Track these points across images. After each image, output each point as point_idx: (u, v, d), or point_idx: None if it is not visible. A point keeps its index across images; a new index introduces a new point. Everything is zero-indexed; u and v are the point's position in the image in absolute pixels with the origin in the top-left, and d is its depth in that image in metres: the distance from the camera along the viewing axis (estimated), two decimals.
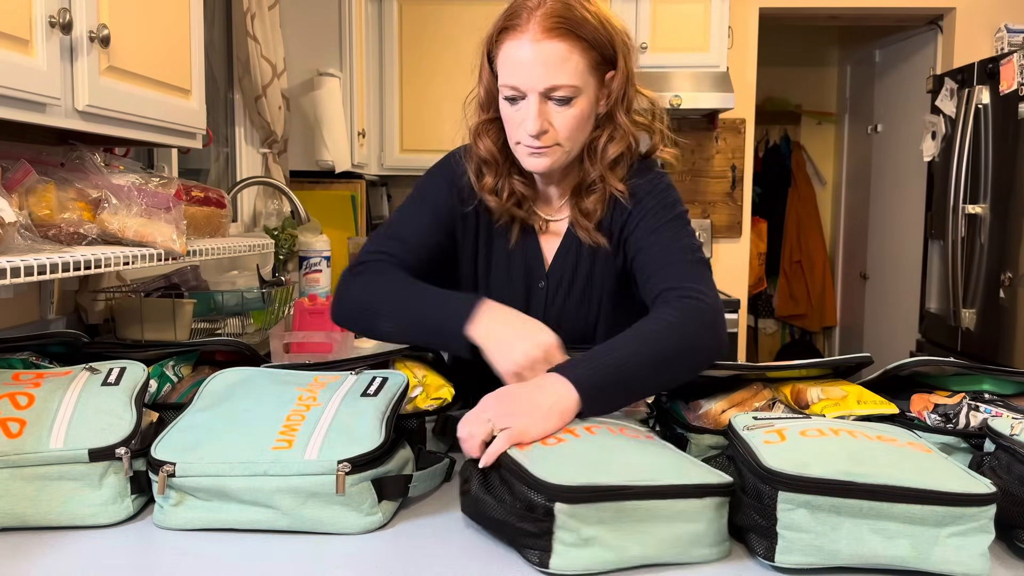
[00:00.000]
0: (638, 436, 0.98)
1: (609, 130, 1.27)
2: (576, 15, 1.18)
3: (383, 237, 1.34)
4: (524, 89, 1.20)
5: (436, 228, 1.34)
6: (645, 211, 1.28)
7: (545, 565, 0.85)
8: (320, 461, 0.93)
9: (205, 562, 0.88)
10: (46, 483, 0.96)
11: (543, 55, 1.17)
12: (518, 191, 1.32)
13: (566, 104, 1.20)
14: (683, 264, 1.23)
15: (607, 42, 1.22)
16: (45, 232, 1.37)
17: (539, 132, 1.21)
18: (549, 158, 1.24)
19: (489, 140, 1.31)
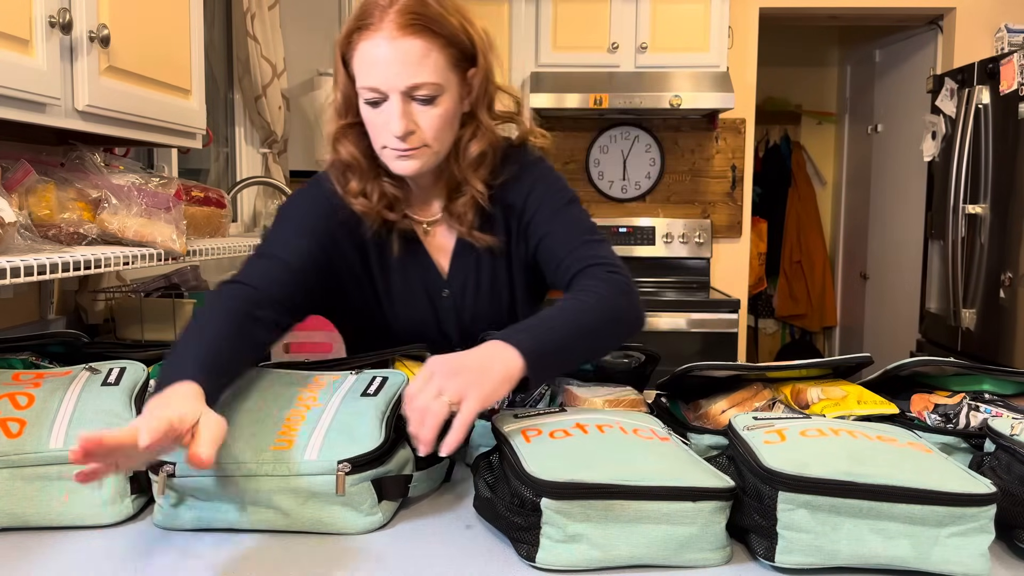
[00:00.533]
0: (651, 438, 0.97)
1: (472, 128, 1.24)
2: (431, 11, 1.15)
3: (255, 257, 1.25)
4: (385, 90, 1.15)
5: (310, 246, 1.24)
6: (540, 198, 1.28)
7: (532, 559, 0.86)
8: (320, 461, 0.93)
9: (204, 562, 0.88)
10: (46, 483, 0.96)
11: (401, 53, 1.13)
12: (388, 193, 1.27)
13: (430, 103, 1.17)
14: (593, 243, 1.24)
15: (465, 39, 1.19)
16: (45, 232, 1.37)
17: (405, 133, 1.16)
18: (418, 160, 1.20)
19: (351, 144, 1.25)
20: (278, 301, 1.17)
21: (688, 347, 3.25)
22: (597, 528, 0.85)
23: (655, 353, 1.26)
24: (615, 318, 1.14)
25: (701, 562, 0.87)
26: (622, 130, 3.91)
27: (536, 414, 1.05)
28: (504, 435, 0.98)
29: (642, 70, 3.48)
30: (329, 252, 1.27)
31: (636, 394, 1.24)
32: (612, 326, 1.14)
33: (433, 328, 1.35)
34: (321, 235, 1.27)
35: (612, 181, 3.93)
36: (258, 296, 1.15)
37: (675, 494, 0.85)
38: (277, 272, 1.20)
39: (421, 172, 1.23)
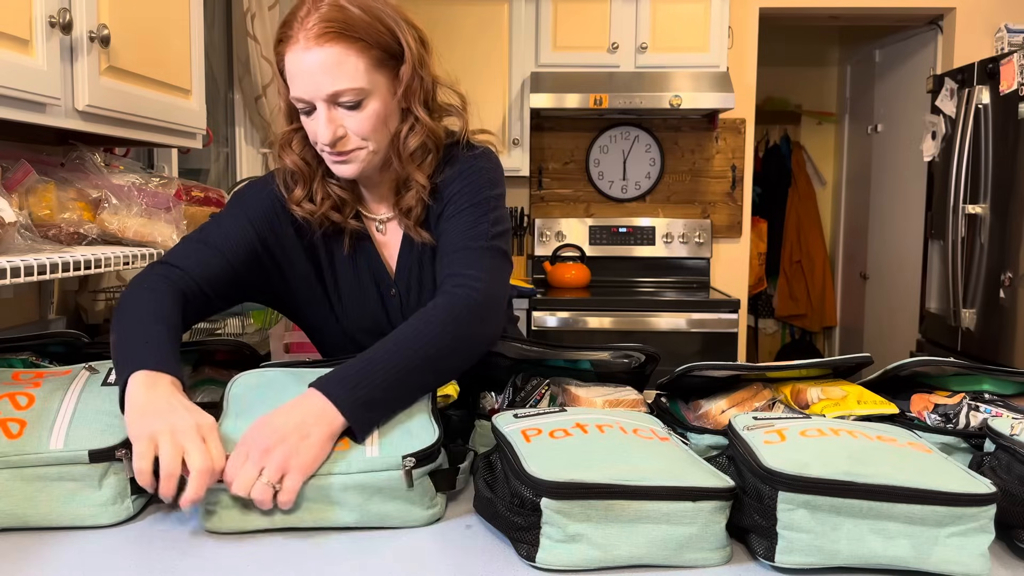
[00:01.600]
0: (651, 438, 0.97)
1: (409, 123, 1.24)
2: (345, 16, 1.15)
3: (190, 240, 1.28)
4: (309, 99, 1.17)
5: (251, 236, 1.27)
6: (451, 196, 1.26)
7: (532, 559, 0.87)
8: (384, 457, 0.95)
9: (205, 563, 0.88)
10: (46, 484, 0.96)
11: (317, 62, 1.14)
12: (335, 195, 1.29)
13: (356, 107, 1.18)
14: (469, 250, 1.20)
15: (388, 37, 1.19)
16: (45, 232, 1.37)
17: (332, 140, 1.18)
18: (355, 163, 1.22)
19: (295, 152, 1.27)
20: (205, 289, 1.22)
21: (688, 347, 3.25)
22: (597, 528, 0.85)
23: (655, 353, 1.25)
24: (460, 338, 1.09)
25: (701, 562, 0.87)
26: (622, 130, 3.91)
27: (536, 414, 1.04)
28: (504, 435, 0.98)
29: (642, 70, 3.48)
30: (271, 248, 1.30)
31: (636, 394, 1.24)
32: (457, 349, 1.09)
33: (384, 325, 1.36)
34: (263, 230, 1.29)
35: (612, 181, 3.93)
36: (190, 282, 1.21)
37: (675, 494, 0.85)
38: (209, 259, 1.24)
39: (363, 173, 1.25)
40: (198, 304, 1.22)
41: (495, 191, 1.28)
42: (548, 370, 1.29)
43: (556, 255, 3.79)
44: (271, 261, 1.31)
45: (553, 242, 3.84)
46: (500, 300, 1.18)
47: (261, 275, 1.30)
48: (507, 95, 3.55)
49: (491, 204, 1.26)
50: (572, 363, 1.30)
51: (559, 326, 3.26)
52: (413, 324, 1.09)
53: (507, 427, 1.00)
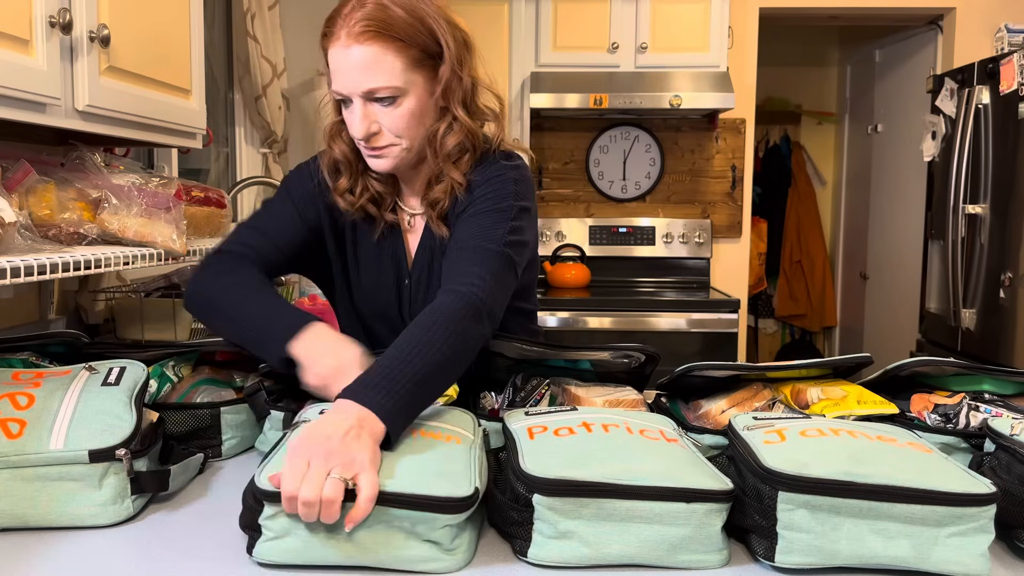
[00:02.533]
0: (658, 439, 0.96)
1: (447, 122, 1.26)
2: (386, 15, 1.18)
3: (246, 228, 1.36)
4: (346, 93, 1.21)
5: (299, 224, 1.35)
6: (474, 199, 1.28)
7: (524, 554, 0.87)
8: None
9: (205, 564, 0.88)
10: (46, 483, 0.96)
11: (355, 60, 1.18)
12: (374, 189, 1.34)
13: (392, 104, 1.21)
14: (479, 250, 1.21)
15: (427, 37, 1.21)
16: (45, 232, 1.37)
17: (366, 135, 1.22)
18: (389, 158, 1.26)
19: (343, 142, 1.32)
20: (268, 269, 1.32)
21: (688, 347, 3.25)
22: (588, 526, 0.85)
23: (655, 353, 1.25)
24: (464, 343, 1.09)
25: (696, 564, 0.87)
26: (622, 130, 3.91)
27: (546, 412, 1.05)
28: (511, 431, 0.98)
29: (642, 70, 3.48)
30: (320, 232, 1.38)
31: (636, 394, 1.24)
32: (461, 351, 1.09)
33: (395, 314, 1.40)
34: (312, 218, 1.36)
35: (612, 181, 3.93)
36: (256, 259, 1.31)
37: (667, 495, 0.85)
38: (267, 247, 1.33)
39: (397, 168, 1.28)
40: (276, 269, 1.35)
41: (520, 202, 1.28)
42: (548, 370, 1.29)
43: (556, 255, 3.79)
44: (316, 246, 1.38)
45: (553, 242, 3.84)
46: (500, 304, 1.18)
47: (306, 260, 1.39)
48: (507, 95, 3.55)
49: (513, 213, 1.26)
50: (572, 363, 1.30)
51: (559, 326, 3.26)
52: (422, 328, 1.07)
53: (515, 424, 1.00)
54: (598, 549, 0.86)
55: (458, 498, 0.85)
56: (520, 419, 1.02)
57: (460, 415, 1.07)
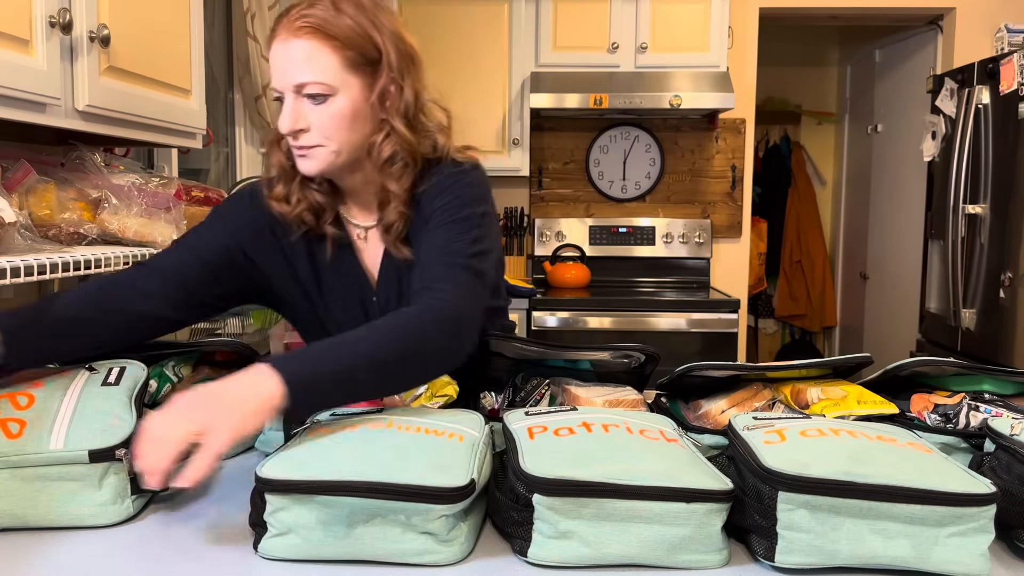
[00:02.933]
0: (657, 439, 0.96)
1: (385, 131, 1.24)
2: (327, 15, 1.18)
3: (174, 244, 1.33)
4: (279, 88, 1.21)
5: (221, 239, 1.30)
6: (435, 209, 1.25)
7: (524, 553, 0.87)
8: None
9: (205, 564, 0.88)
10: (46, 483, 0.96)
11: (290, 53, 1.19)
12: (312, 199, 1.30)
13: (322, 102, 1.20)
14: (444, 266, 1.18)
15: (366, 41, 1.20)
16: (45, 232, 1.37)
17: (291, 130, 1.21)
18: (314, 160, 1.23)
19: (279, 151, 1.30)
20: (174, 282, 1.25)
21: (688, 347, 3.25)
22: (588, 526, 0.85)
23: (655, 353, 1.25)
24: (418, 352, 1.07)
25: (696, 564, 0.87)
26: (622, 130, 3.91)
27: (546, 412, 1.05)
28: (511, 432, 0.99)
29: (642, 70, 3.48)
30: (251, 254, 1.32)
31: (636, 394, 1.24)
32: (413, 361, 1.07)
33: None
34: (244, 237, 1.32)
35: (612, 181, 3.93)
36: (150, 273, 1.24)
37: (667, 495, 0.85)
38: (185, 256, 1.28)
39: (324, 171, 1.25)
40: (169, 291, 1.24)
41: (479, 208, 1.26)
42: (548, 370, 1.29)
43: (556, 255, 3.79)
44: (251, 265, 1.33)
45: (553, 242, 3.84)
46: (470, 318, 1.15)
47: (243, 278, 1.33)
48: (507, 95, 3.55)
49: (474, 221, 1.24)
50: (572, 363, 1.30)
51: (559, 326, 3.26)
52: (379, 327, 1.07)
53: (515, 424, 1.01)
54: (598, 549, 0.86)
55: (453, 488, 0.85)
56: (520, 419, 1.03)
57: (467, 415, 1.07)
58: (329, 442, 0.93)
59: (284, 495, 0.86)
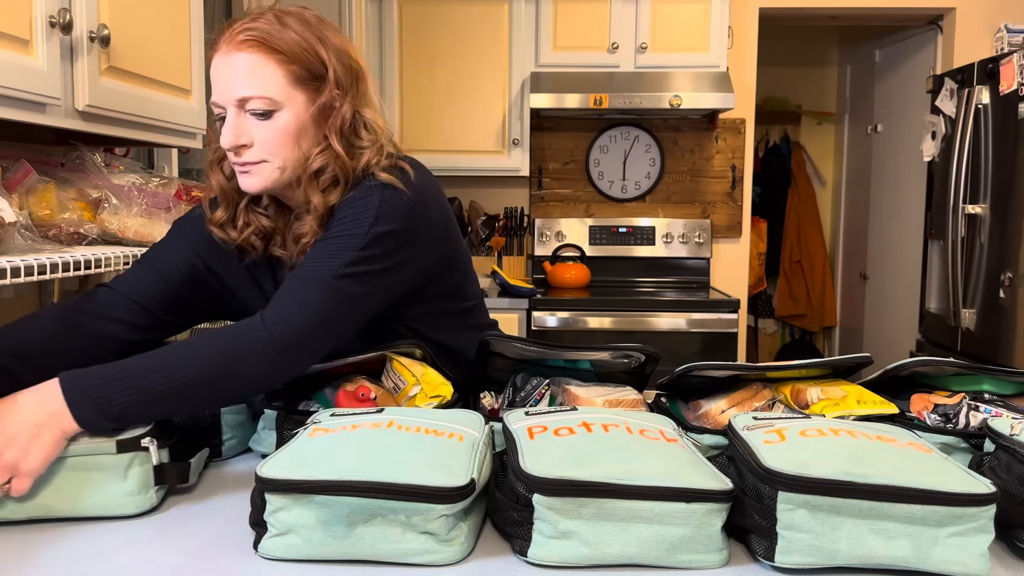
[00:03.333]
0: (657, 438, 0.96)
1: (321, 147, 1.21)
2: (271, 28, 1.16)
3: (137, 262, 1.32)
4: (221, 103, 1.17)
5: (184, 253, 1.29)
6: (330, 224, 1.20)
7: (524, 553, 0.88)
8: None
9: (206, 563, 0.88)
10: (74, 473, 0.98)
11: (233, 67, 1.15)
12: (259, 224, 1.28)
13: (266, 117, 1.17)
14: (303, 280, 1.13)
15: (312, 56, 1.18)
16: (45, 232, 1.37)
17: (234, 146, 1.17)
18: (257, 176, 1.20)
19: (221, 173, 1.27)
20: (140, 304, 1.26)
21: (688, 347, 3.25)
22: (588, 526, 0.85)
23: (655, 353, 1.25)
24: (223, 378, 1.04)
25: (696, 564, 0.87)
26: (622, 130, 3.91)
27: (546, 412, 1.05)
28: (511, 431, 0.99)
29: (642, 70, 3.48)
30: (214, 268, 1.32)
31: (636, 394, 1.24)
32: (214, 387, 1.04)
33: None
34: (204, 251, 1.31)
35: (612, 181, 3.93)
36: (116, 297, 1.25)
37: (667, 495, 0.85)
38: (148, 277, 1.28)
39: (268, 189, 1.22)
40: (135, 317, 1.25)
41: (380, 227, 1.17)
42: (548, 370, 1.29)
43: (556, 255, 3.79)
44: (214, 279, 1.32)
45: (553, 242, 3.84)
46: (304, 347, 1.10)
47: (207, 292, 1.32)
48: (507, 95, 3.55)
49: (365, 240, 1.16)
50: (572, 363, 1.30)
51: (559, 326, 3.26)
52: (187, 346, 1.05)
53: (515, 424, 1.01)
54: (598, 549, 0.86)
55: (453, 487, 0.85)
56: (520, 419, 1.03)
57: (467, 415, 1.07)
58: (329, 442, 0.93)
59: (284, 495, 0.86)
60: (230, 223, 1.29)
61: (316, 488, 0.85)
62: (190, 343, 1.06)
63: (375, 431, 0.96)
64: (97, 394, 0.98)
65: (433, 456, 0.90)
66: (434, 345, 1.34)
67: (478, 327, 1.40)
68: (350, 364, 1.26)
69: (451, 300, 1.38)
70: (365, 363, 1.28)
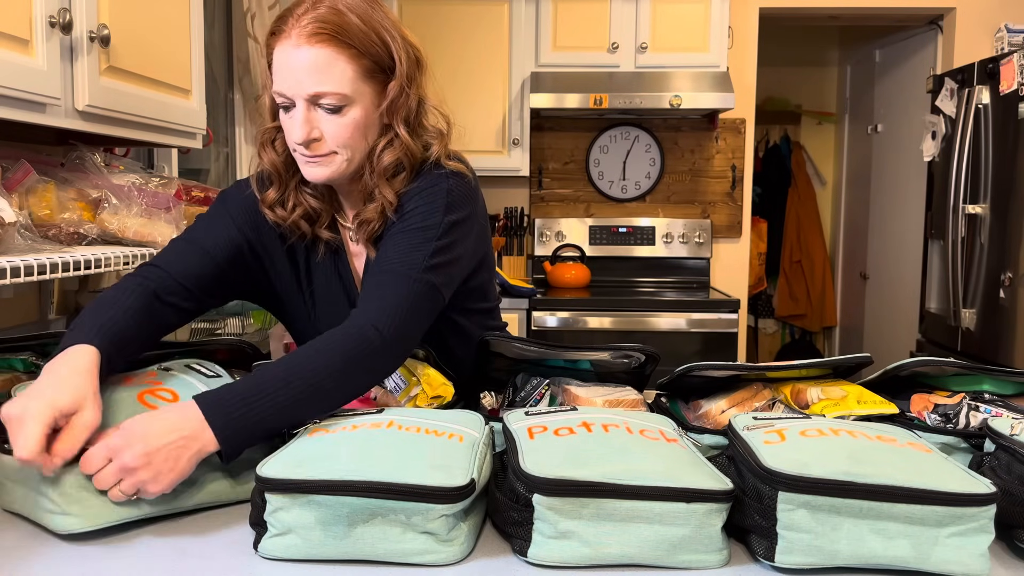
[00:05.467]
0: (657, 439, 0.96)
1: (388, 138, 1.22)
2: (342, 20, 1.14)
3: (177, 240, 1.29)
4: (291, 96, 1.16)
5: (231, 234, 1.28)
6: (402, 215, 1.22)
7: (524, 553, 0.87)
8: None
9: (207, 563, 0.88)
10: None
11: (306, 61, 1.13)
12: (308, 205, 1.28)
13: (337, 112, 1.17)
14: (395, 276, 1.15)
15: (381, 49, 1.18)
16: (45, 232, 1.37)
17: (306, 140, 1.17)
18: (326, 167, 1.20)
19: (273, 151, 1.27)
20: (188, 287, 1.22)
21: (688, 347, 3.25)
22: (588, 526, 0.85)
23: (655, 353, 1.25)
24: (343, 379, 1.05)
25: (696, 564, 0.87)
26: (622, 130, 3.91)
27: (546, 412, 1.05)
28: (511, 431, 0.99)
29: (642, 70, 3.48)
30: (254, 246, 1.31)
31: (636, 394, 1.24)
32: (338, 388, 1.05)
33: None
34: (245, 228, 1.29)
35: (612, 181, 3.93)
36: (169, 280, 1.20)
37: (667, 495, 0.85)
38: (192, 257, 1.24)
39: (333, 179, 1.23)
40: (183, 300, 1.21)
41: (451, 216, 1.21)
42: (548, 370, 1.29)
43: (556, 255, 3.79)
44: (255, 259, 1.31)
45: (553, 242, 3.84)
46: (407, 339, 1.13)
47: (246, 273, 1.31)
48: (507, 95, 3.55)
49: (440, 230, 1.20)
50: (572, 363, 1.30)
51: (559, 326, 3.26)
52: (309, 354, 1.05)
53: (515, 424, 1.01)
54: (598, 549, 0.86)
55: (453, 487, 0.85)
56: (520, 419, 1.03)
57: (467, 415, 1.07)
58: (329, 442, 0.93)
59: (284, 494, 0.86)
60: (280, 203, 1.28)
61: (316, 488, 0.85)
62: (309, 353, 1.05)
63: (375, 431, 0.96)
64: (238, 414, 0.97)
65: (433, 456, 0.90)
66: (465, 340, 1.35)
67: (495, 329, 1.42)
68: None
69: (480, 297, 1.39)
70: None
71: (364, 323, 1.10)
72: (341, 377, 1.05)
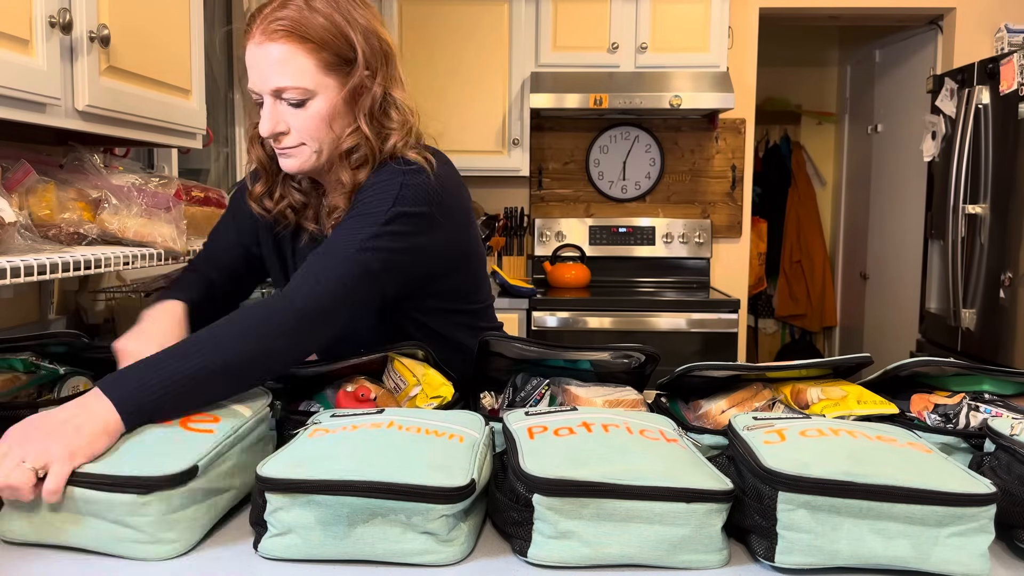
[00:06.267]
0: (657, 439, 0.96)
1: (352, 127, 1.25)
2: (301, 16, 1.17)
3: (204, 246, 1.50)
4: (257, 91, 1.22)
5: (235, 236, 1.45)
6: (354, 204, 1.25)
7: (524, 553, 0.87)
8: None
9: (207, 563, 0.88)
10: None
11: (265, 57, 1.18)
12: (293, 198, 1.35)
13: (300, 106, 1.21)
14: (329, 255, 1.16)
15: (342, 42, 1.20)
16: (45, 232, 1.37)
17: (272, 134, 1.23)
18: (296, 159, 1.25)
19: (260, 147, 1.33)
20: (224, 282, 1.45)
21: (688, 347, 3.25)
22: (588, 526, 0.85)
23: (655, 353, 1.25)
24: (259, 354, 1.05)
25: (696, 564, 0.87)
26: (622, 130, 3.91)
27: (546, 412, 1.05)
28: (511, 432, 0.99)
29: (642, 70, 3.48)
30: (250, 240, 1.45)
31: (636, 394, 1.24)
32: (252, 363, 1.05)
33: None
34: (246, 229, 1.44)
35: (612, 181, 3.93)
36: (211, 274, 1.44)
37: (667, 495, 0.85)
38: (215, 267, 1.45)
39: (305, 170, 1.28)
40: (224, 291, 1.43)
41: (402, 207, 1.21)
42: (548, 370, 1.29)
43: (556, 255, 3.79)
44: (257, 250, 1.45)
45: (553, 242, 3.84)
46: (326, 314, 1.12)
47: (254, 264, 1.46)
48: (507, 95, 3.55)
49: (388, 218, 1.19)
50: (572, 363, 1.30)
51: (559, 326, 3.26)
52: (221, 328, 1.06)
53: (515, 424, 1.01)
54: (598, 549, 0.86)
55: (453, 488, 0.85)
56: (520, 419, 1.03)
57: (467, 415, 1.07)
58: (330, 442, 0.93)
59: (284, 494, 0.86)
60: (267, 196, 1.36)
61: (316, 488, 0.85)
62: (217, 328, 1.06)
63: (375, 431, 0.96)
64: (136, 386, 0.95)
65: (433, 456, 0.90)
66: (438, 342, 1.34)
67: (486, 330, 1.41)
68: (351, 366, 1.26)
69: (461, 299, 1.40)
70: (366, 365, 1.28)
71: (282, 296, 1.12)
72: (250, 344, 1.04)
